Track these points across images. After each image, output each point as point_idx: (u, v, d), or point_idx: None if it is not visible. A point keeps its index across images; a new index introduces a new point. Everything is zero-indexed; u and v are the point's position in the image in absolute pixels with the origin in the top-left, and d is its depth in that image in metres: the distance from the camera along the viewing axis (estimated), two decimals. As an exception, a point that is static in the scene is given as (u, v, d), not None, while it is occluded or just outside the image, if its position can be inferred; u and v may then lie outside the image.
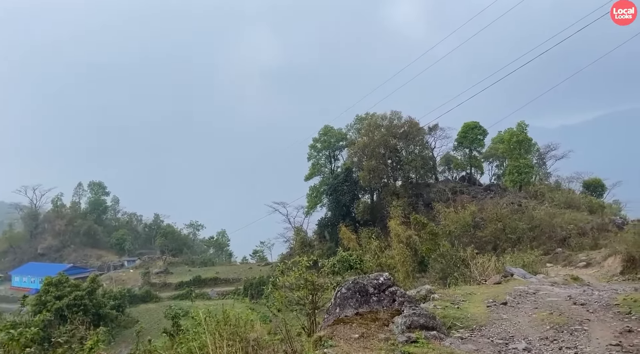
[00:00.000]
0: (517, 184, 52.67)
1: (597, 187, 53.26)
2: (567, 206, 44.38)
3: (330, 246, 60.60)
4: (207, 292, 62.28)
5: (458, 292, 10.81)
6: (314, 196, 70.73)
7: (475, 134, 59.69)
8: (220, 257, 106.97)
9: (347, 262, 19.54)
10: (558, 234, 38.05)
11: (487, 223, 43.48)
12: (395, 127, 60.82)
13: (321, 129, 69.56)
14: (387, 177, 62.40)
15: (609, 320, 7.58)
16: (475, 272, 14.53)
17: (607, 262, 29.01)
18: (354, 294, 6.89)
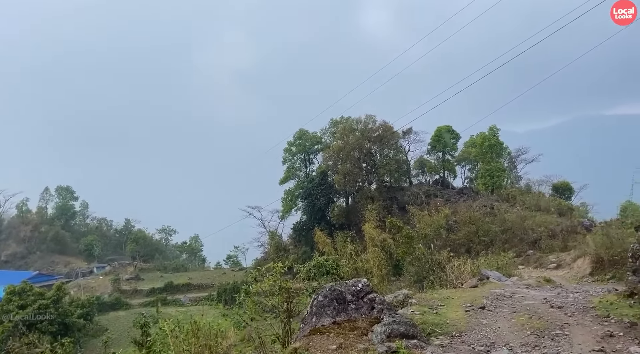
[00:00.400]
0: (489, 188, 53.47)
1: (566, 190, 54.55)
2: (537, 209, 45.25)
3: (305, 250, 60.27)
4: (180, 298, 60.95)
5: (435, 296, 10.65)
6: (289, 199, 70.32)
7: (448, 138, 60.44)
8: (193, 262, 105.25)
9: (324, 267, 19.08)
10: (529, 236, 38.67)
11: (460, 226, 43.93)
12: (369, 131, 61.05)
13: (296, 133, 69.35)
14: (362, 181, 62.52)
15: (589, 324, 7.51)
16: (451, 275, 14.45)
17: (577, 263, 29.55)
18: (331, 302, 6.59)
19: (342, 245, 46.33)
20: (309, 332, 6.17)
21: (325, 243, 50.70)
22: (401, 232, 20.21)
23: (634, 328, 6.76)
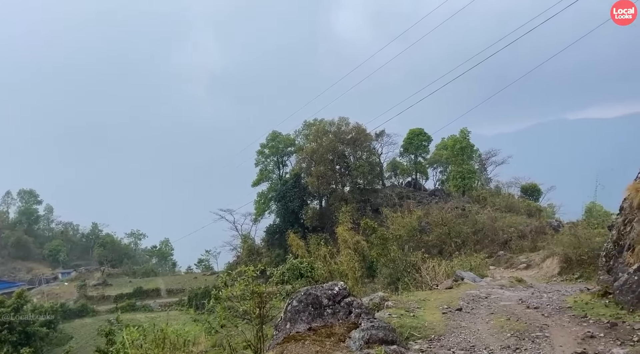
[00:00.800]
0: (460, 189, 54.12)
1: (534, 191, 55.71)
2: (507, 210, 46.01)
3: (278, 253, 59.69)
4: (149, 304, 59.37)
5: (411, 298, 10.44)
6: (262, 202, 69.53)
7: (420, 141, 60.99)
8: (164, 267, 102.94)
9: (298, 270, 18.66)
10: (500, 237, 39.20)
11: (432, 227, 44.22)
12: (343, 133, 61.02)
13: (269, 135, 68.70)
14: (335, 183, 62.40)
15: (568, 325, 7.41)
16: (426, 277, 14.31)
17: (546, 263, 30.04)
18: (307, 307, 6.26)
19: (315, 248, 46.06)
20: (282, 339, 5.82)
21: (299, 246, 50.25)
22: (376, 233, 20.01)
23: (614, 329, 6.69)
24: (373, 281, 33.38)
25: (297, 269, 19.22)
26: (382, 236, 19.81)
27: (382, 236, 19.78)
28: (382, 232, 19.97)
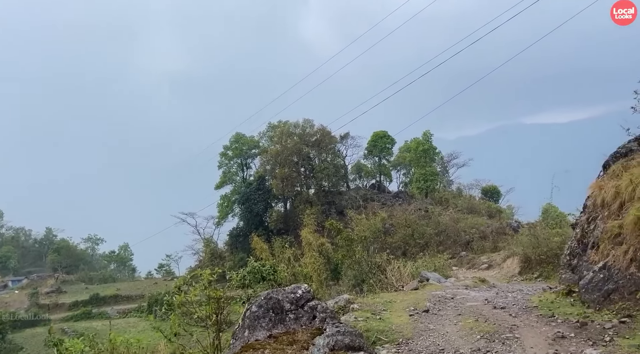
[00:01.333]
0: (423, 191, 54.76)
1: (494, 193, 57.05)
2: (469, 211, 46.82)
3: (242, 257, 58.64)
4: (107, 311, 57.02)
5: (377, 300, 10.15)
6: (225, 205, 68.27)
7: (384, 143, 61.39)
8: (123, 272, 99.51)
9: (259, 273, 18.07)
10: (462, 238, 39.79)
11: (396, 229, 44.49)
12: (307, 135, 60.69)
13: (232, 137, 67.54)
14: (300, 186, 61.96)
15: (536, 325, 7.27)
16: (392, 278, 14.10)
17: (506, 263, 30.60)
18: (267, 313, 5.81)
19: (280, 250, 45.49)
20: (240, 349, 5.36)
21: (263, 249, 49.54)
22: (341, 235, 19.73)
23: (585, 329, 6.58)
24: (338, 283, 33.12)
25: (259, 272, 18.52)
26: (347, 237, 19.52)
27: (348, 237, 19.50)
28: (348, 234, 19.67)
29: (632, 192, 7.63)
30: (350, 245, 19.52)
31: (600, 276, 7.71)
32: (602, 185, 8.64)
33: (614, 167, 8.83)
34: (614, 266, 7.44)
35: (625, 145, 9.19)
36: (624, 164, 8.60)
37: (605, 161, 9.41)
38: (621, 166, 8.63)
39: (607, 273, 7.59)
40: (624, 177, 8.07)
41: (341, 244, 20.03)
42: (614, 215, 8.03)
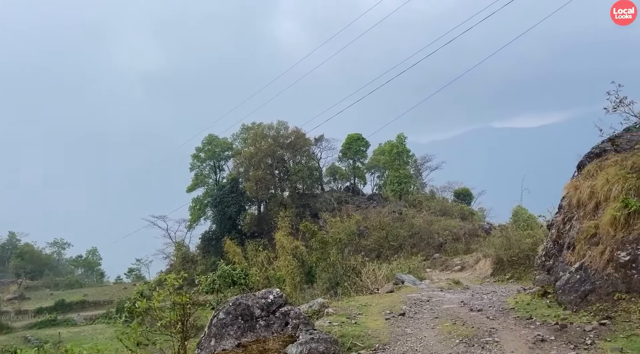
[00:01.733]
0: (397, 194, 55.00)
1: (466, 196, 57.79)
2: (442, 214, 47.22)
3: (214, 260, 57.56)
4: (73, 317, 55.02)
5: (353, 304, 9.87)
6: (197, 208, 67.01)
7: (359, 146, 61.47)
8: (91, 277, 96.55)
9: (230, 277, 17.41)
10: (435, 240, 40.07)
11: (371, 231, 44.48)
12: (282, 137, 60.21)
13: (205, 138, 66.44)
14: (274, 188, 61.35)
15: (515, 328, 7.11)
16: (367, 281, 13.86)
17: (479, 265, 30.90)
18: (235, 320, 5.44)
19: (253, 254, 44.85)
20: (206, 359, 5.00)
21: (236, 253, 48.75)
22: (315, 237, 19.37)
23: (565, 331, 6.45)
24: (312, 286, 32.80)
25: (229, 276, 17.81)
26: (321, 239, 19.17)
27: (322, 240, 19.16)
28: (322, 236, 19.33)
29: (607, 192, 7.60)
30: (324, 247, 19.18)
31: (577, 277, 7.64)
32: (578, 185, 8.60)
33: (588, 167, 8.82)
34: (591, 266, 7.37)
35: (599, 145, 9.20)
36: (598, 164, 8.59)
37: (580, 161, 9.41)
38: (596, 166, 8.62)
39: (583, 274, 7.51)
40: (599, 177, 8.04)
41: (315, 246, 19.66)
42: (589, 215, 7.98)
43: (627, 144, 8.52)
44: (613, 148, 8.71)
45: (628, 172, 7.47)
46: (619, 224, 7.01)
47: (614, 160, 8.26)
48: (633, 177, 7.28)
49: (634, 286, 6.63)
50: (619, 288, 6.82)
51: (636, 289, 6.58)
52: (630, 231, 6.84)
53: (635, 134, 8.76)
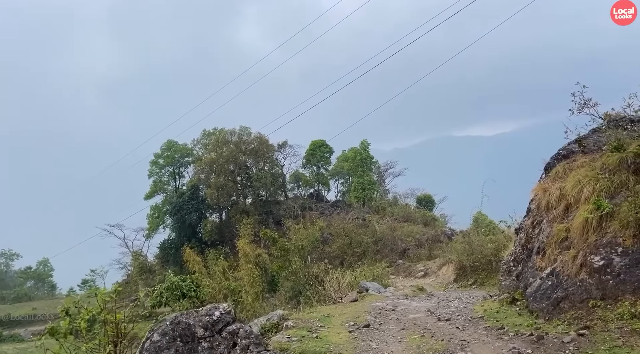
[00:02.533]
0: (361, 200, 54.87)
1: (428, 202, 58.24)
2: (405, 220, 47.30)
3: (174, 270, 55.69)
4: (20, 333, 51.69)
5: (314, 315, 9.21)
6: (155, 216, 64.65)
7: (322, 152, 61.08)
8: (41, 290, 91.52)
9: (179, 289, 16.02)
10: (399, 246, 39.95)
11: (334, 238, 44.00)
12: (244, 143, 58.98)
13: (164, 144, 64.35)
14: (236, 195, 59.95)
15: (488, 339, 6.65)
16: (330, 289, 13.24)
17: (442, 271, 30.93)
18: (173, 342, 4.68)
19: (213, 263, 43.43)
20: (134, 393, 4.24)
21: (196, 262, 47.11)
22: (276, 244, 18.55)
23: (542, 343, 6.02)
24: (274, 296, 31.90)
25: (178, 288, 16.35)
26: (282, 247, 18.40)
27: (283, 247, 18.38)
28: (283, 243, 18.55)
29: (578, 194, 7.31)
30: (286, 255, 18.41)
31: (549, 283, 7.29)
32: (546, 187, 8.32)
33: (557, 169, 8.56)
34: (563, 272, 7.03)
35: (565, 147, 8.98)
36: (566, 166, 8.33)
37: (547, 163, 9.16)
38: (564, 167, 8.37)
39: (555, 280, 7.17)
40: (569, 179, 7.76)
41: (277, 254, 18.85)
42: (559, 218, 7.68)
43: (594, 145, 8.32)
44: (580, 149, 8.50)
45: (599, 173, 7.22)
46: (591, 227, 6.71)
47: (582, 161, 8.02)
48: (604, 178, 7.02)
49: (609, 293, 6.31)
50: (594, 294, 6.49)
51: (611, 295, 6.26)
52: (603, 234, 6.55)
53: (602, 135, 8.58)
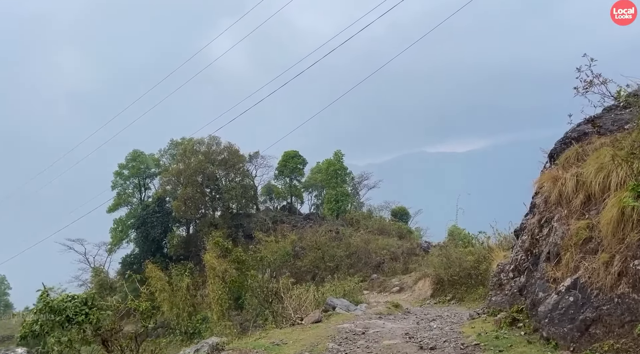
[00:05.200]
0: (334, 212, 53.27)
1: (403, 214, 57.00)
2: (379, 233, 45.75)
3: (135, 287, 52.38)
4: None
5: (261, 343, 7.16)
6: (119, 230, 61.29)
7: (296, 163, 59.32)
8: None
9: (62, 312, 10.58)
10: (373, 260, 38.32)
11: (306, 252, 42.06)
12: (213, 153, 56.55)
13: (129, 154, 61.31)
14: (205, 208, 57.29)
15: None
16: (289, 308, 11.19)
17: (418, 285, 29.37)
18: None
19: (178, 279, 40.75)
20: None
21: (159, 278, 44.27)
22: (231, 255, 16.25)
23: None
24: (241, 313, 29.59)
25: (59, 310, 10.66)
26: (236, 258, 16.19)
27: (238, 259, 16.17)
28: (238, 254, 16.35)
29: (605, 180, 5.60)
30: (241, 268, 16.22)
31: (570, 299, 5.50)
32: (557, 176, 6.60)
33: (567, 155, 6.89)
34: (591, 284, 5.25)
35: (575, 129, 7.36)
36: (580, 149, 6.66)
37: (553, 149, 7.50)
38: (577, 151, 6.69)
39: (580, 295, 5.38)
40: (589, 163, 6.07)
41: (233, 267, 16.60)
42: (577, 213, 5.96)
43: (613, 124, 6.68)
44: (595, 130, 6.84)
45: (631, 153, 5.53)
46: (631, 222, 4.96)
47: (600, 142, 6.36)
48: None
49: (663, 312, 4.55)
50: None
51: (666, 316, 4.50)
52: (648, 230, 4.80)
53: (619, 113, 6.97)
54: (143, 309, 8.70)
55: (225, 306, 32.93)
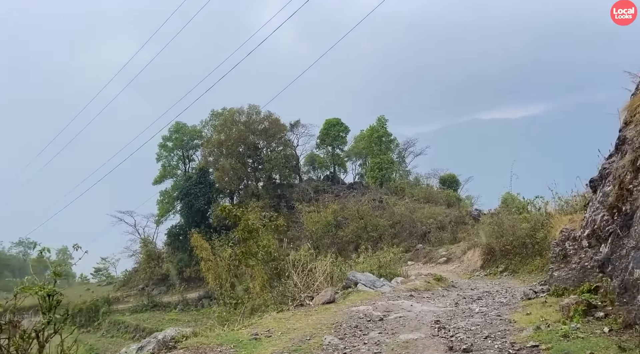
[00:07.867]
0: (378, 181, 51.09)
1: (452, 182, 53.88)
2: (426, 201, 43.31)
3: (182, 257, 53.27)
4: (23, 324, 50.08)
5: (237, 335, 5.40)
6: (165, 201, 62.19)
7: (338, 131, 57.19)
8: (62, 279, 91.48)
9: None
10: (418, 229, 36.13)
11: (349, 222, 40.39)
12: (254, 122, 55.38)
13: (172, 126, 61.35)
14: (247, 178, 56.69)
15: None
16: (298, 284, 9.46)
17: (467, 256, 27.35)
18: None
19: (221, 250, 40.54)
20: None
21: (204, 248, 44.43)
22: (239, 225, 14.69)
23: None
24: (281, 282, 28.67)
25: None
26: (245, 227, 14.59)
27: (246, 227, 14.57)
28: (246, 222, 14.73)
29: None
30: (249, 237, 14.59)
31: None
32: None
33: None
34: None
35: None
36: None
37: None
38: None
39: None
40: None
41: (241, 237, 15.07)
42: None
43: None
44: None
45: None
46: None
47: None
48: None
49: None
50: None
51: None
52: None
53: None
54: (44, 296, 5.44)
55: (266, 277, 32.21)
